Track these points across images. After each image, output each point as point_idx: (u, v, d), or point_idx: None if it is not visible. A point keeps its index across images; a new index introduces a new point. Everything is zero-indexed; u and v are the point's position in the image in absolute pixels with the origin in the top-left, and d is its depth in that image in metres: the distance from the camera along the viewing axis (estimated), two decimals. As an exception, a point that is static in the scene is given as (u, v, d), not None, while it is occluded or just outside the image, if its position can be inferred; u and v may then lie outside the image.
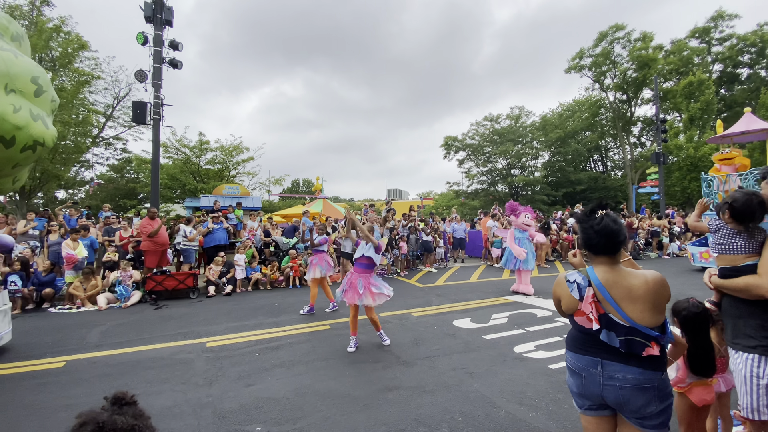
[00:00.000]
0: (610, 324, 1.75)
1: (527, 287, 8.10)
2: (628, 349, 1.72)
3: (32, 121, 4.21)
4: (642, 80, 29.01)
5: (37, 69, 4.44)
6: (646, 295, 1.73)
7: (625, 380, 1.73)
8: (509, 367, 4.28)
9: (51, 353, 5.00)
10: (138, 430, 1.07)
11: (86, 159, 22.53)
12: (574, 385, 1.92)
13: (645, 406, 1.72)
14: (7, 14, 4.71)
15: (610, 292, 1.77)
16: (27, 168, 4.91)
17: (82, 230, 8.74)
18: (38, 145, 4.34)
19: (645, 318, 1.72)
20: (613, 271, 1.82)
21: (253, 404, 3.49)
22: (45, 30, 17.01)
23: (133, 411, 1.13)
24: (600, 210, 1.87)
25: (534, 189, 32.32)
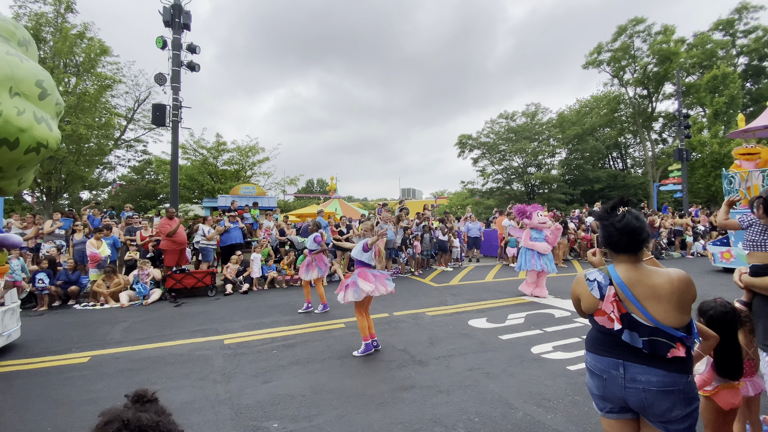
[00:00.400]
0: (633, 324, 1.69)
1: (542, 290, 7.78)
2: (651, 350, 1.66)
3: (36, 123, 4.28)
4: (663, 74, 28.14)
5: (41, 73, 4.51)
6: (670, 294, 1.66)
7: (649, 383, 1.66)
8: (526, 367, 4.21)
9: (76, 348, 5.17)
10: (161, 426, 1.08)
11: (109, 161, 23.22)
12: (594, 387, 1.86)
13: (670, 409, 1.65)
14: (13, 20, 4.82)
15: (632, 290, 1.71)
16: (32, 170, 4.98)
17: (105, 230, 9.01)
18: (42, 147, 4.40)
19: (670, 318, 1.65)
20: (636, 269, 1.75)
21: (269, 401, 3.53)
22: (69, 36, 17.58)
23: (155, 408, 1.14)
24: (621, 207, 1.81)
25: (551, 187, 31.75)
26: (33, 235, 9.40)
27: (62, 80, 17.42)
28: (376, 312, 6.82)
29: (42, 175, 17.28)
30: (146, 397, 1.17)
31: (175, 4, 11.12)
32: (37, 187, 18.13)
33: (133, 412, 1.07)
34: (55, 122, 4.78)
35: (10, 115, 4.03)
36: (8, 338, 5.13)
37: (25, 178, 5.00)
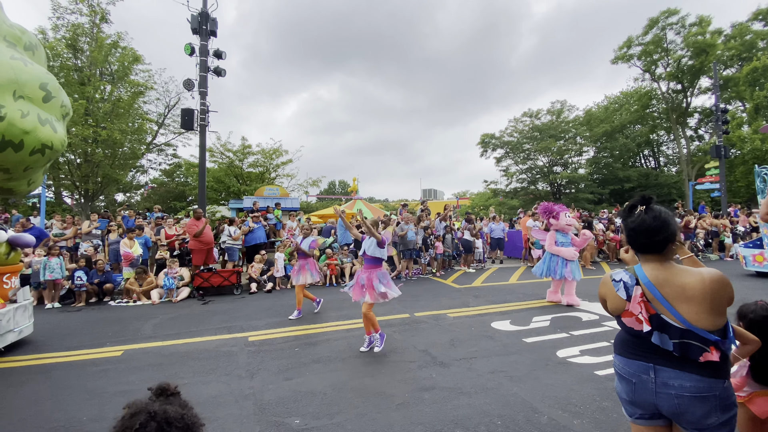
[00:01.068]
0: (663, 325, 1.61)
1: (572, 298, 7.04)
2: (683, 353, 1.57)
3: (40, 125, 4.41)
4: (699, 68, 26.79)
5: (46, 76, 4.64)
6: (702, 294, 1.56)
7: (682, 388, 1.57)
8: (552, 371, 4.10)
9: (110, 342, 5.41)
10: (186, 419, 1.09)
11: (141, 164, 24.20)
12: (623, 391, 1.77)
13: (705, 417, 1.55)
14: (20, 25, 5.00)
15: (661, 290, 1.63)
16: (41, 171, 5.11)
17: (138, 230, 9.39)
18: (47, 149, 4.53)
19: (702, 320, 1.55)
20: (664, 268, 1.67)
21: (291, 397, 3.58)
22: (104, 46, 18.46)
23: (178, 401, 1.16)
24: (641, 206, 1.74)
25: (578, 187, 30.80)
26: (72, 235, 9.93)
27: (98, 88, 18.31)
28: (396, 312, 6.81)
29: (80, 178, 18.21)
30: (169, 391, 1.20)
31: (203, 12, 11.50)
32: (76, 190, 19.12)
33: (159, 405, 1.09)
34: (60, 124, 4.87)
35: (14, 117, 4.15)
36: (20, 334, 5.29)
37: (34, 179, 5.13)
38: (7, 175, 4.57)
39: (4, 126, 4.13)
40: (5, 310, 5.03)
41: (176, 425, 1.06)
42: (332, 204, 32.58)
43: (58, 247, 8.45)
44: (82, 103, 16.46)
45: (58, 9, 18.12)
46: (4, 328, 4.98)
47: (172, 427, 1.05)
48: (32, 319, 5.66)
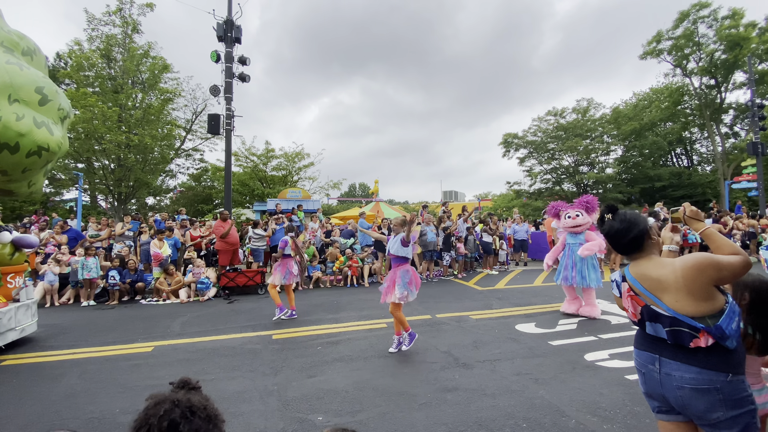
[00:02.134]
0: (654, 315, 1.71)
1: (593, 309, 6.28)
2: (674, 340, 1.65)
3: (35, 128, 4.52)
4: (733, 62, 25.44)
5: (42, 80, 4.76)
6: (675, 283, 1.65)
7: (682, 379, 1.63)
8: (579, 375, 3.97)
9: (142, 339, 5.62)
10: (209, 409, 1.10)
11: (170, 169, 25.08)
12: (641, 383, 1.87)
13: (708, 411, 1.57)
14: (18, 31, 5.14)
15: (643, 284, 1.76)
16: (40, 173, 5.21)
17: (167, 231, 9.73)
18: (43, 151, 4.63)
19: (683, 306, 1.62)
20: (644, 264, 1.81)
21: (314, 395, 3.61)
22: (135, 56, 19.30)
23: (199, 395, 1.16)
24: (607, 214, 1.92)
25: (606, 187, 29.79)
26: (106, 236, 10.39)
27: (130, 96, 19.13)
28: (417, 314, 6.78)
29: (114, 182, 19.05)
30: (190, 384, 1.21)
31: (228, 20, 11.85)
32: (110, 193, 20.01)
33: (183, 394, 1.11)
34: (58, 126, 4.98)
35: (9, 120, 4.27)
36: (22, 332, 5.43)
37: (34, 181, 5.25)
38: (6, 177, 4.70)
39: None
40: (6, 309, 5.19)
41: (199, 414, 1.06)
42: (353, 206, 32.82)
43: (94, 248, 8.86)
44: (115, 110, 17.25)
45: (93, 21, 19.09)
46: (5, 327, 5.10)
47: (196, 416, 1.05)
48: (36, 318, 5.80)
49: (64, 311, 7.78)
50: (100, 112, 16.42)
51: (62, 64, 23.60)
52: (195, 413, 1.05)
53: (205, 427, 1.05)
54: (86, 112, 16.28)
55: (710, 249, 1.74)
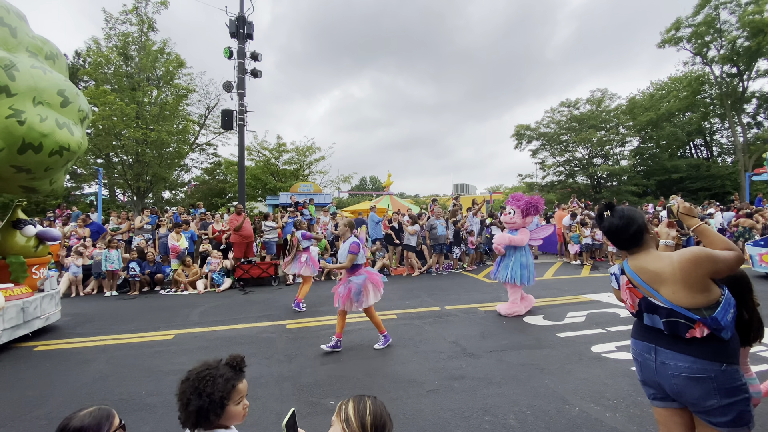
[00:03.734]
0: (652, 307, 1.77)
1: (516, 306, 6.13)
2: (671, 330, 1.71)
3: (57, 129, 4.73)
4: (756, 49, 24.52)
5: (64, 83, 4.98)
6: (673, 276, 1.71)
7: (677, 368, 1.70)
8: (585, 366, 4.05)
9: (163, 327, 5.89)
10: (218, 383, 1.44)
11: (185, 163, 25.60)
12: (637, 371, 1.95)
13: (702, 398, 1.65)
14: (42, 36, 5.29)
15: (641, 277, 1.82)
16: (61, 171, 5.45)
17: (184, 224, 10.03)
18: (64, 150, 4.85)
19: (680, 298, 1.69)
20: (643, 257, 1.86)
21: (327, 381, 3.79)
22: (151, 53, 19.68)
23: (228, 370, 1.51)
24: (605, 211, 1.97)
25: (620, 179, 29.27)
26: (126, 229, 10.76)
27: (147, 92, 19.54)
28: (426, 305, 6.91)
29: (132, 177, 19.57)
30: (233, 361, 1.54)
31: (240, 16, 12.00)
32: (129, 188, 20.57)
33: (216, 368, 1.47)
34: (78, 127, 5.19)
35: (33, 122, 4.51)
36: (47, 320, 5.71)
37: (55, 179, 5.50)
38: (30, 175, 4.97)
39: (24, 130, 4.49)
40: (33, 298, 5.47)
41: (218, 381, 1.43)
42: (363, 200, 32.98)
43: (116, 240, 9.21)
44: (133, 107, 17.68)
45: (111, 20, 19.49)
46: (32, 315, 5.39)
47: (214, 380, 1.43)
48: (59, 307, 6.09)
49: (88, 301, 8.15)
50: (119, 109, 16.86)
51: (81, 62, 24.18)
52: (191, 381, 1.41)
53: (187, 395, 1.41)
54: (105, 110, 16.74)
55: (703, 244, 1.81)
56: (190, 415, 1.38)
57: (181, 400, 1.41)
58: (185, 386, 1.41)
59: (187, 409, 1.38)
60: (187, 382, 1.42)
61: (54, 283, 6.20)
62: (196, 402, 1.37)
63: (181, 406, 1.41)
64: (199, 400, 1.37)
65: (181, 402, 1.41)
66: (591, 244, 11.94)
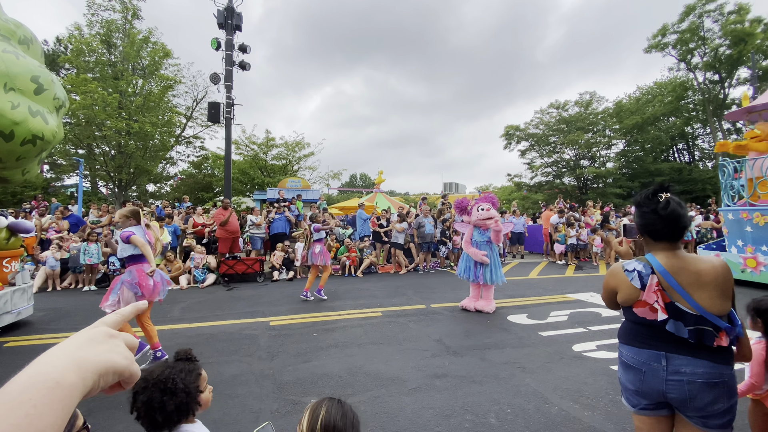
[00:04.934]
0: (678, 313, 1.63)
1: (488, 303, 6.32)
2: (698, 339, 1.60)
3: (30, 116, 4.54)
4: (737, 57, 25.23)
5: (38, 69, 4.77)
6: (715, 280, 1.60)
7: (694, 374, 1.60)
8: (566, 364, 4.10)
9: (142, 323, 5.74)
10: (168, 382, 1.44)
11: (171, 156, 25.11)
12: (629, 381, 1.78)
13: (712, 403, 1.59)
14: (15, 19, 5.06)
15: (676, 278, 1.64)
16: (35, 161, 5.25)
17: (167, 218, 9.83)
18: (37, 139, 4.66)
19: (715, 305, 1.59)
20: (677, 256, 1.69)
21: (308, 379, 3.74)
22: (136, 41, 19.19)
23: (176, 369, 1.50)
24: (663, 192, 1.72)
25: (606, 181, 29.78)
26: (107, 222, 10.49)
27: (131, 82, 19.06)
28: (412, 303, 6.91)
29: (114, 168, 19.11)
30: (182, 355, 1.58)
31: (228, 7, 11.78)
32: (110, 180, 20.08)
33: (162, 368, 1.47)
34: (53, 116, 4.99)
35: (4, 109, 4.30)
36: (18, 315, 5.54)
37: (28, 169, 5.28)
38: (1, 164, 4.75)
39: None
40: (3, 292, 5.28)
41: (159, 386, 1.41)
42: (353, 196, 32.87)
43: (95, 234, 8.97)
44: (115, 96, 17.23)
45: (93, 6, 18.93)
46: (2, 310, 5.19)
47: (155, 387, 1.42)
48: (32, 302, 5.87)
49: (65, 296, 7.93)
50: (101, 98, 16.41)
51: (62, 49, 23.47)
52: (155, 385, 1.39)
53: (159, 398, 1.36)
54: (86, 98, 16.27)
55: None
56: (171, 415, 1.38)
57: (150, 407, 1.38)
58: (150, 393, 1.39)
59: (165, 411, 1.38)
60: (148, 389, 1.40)
61: (27, 277, 5.98)
62: (172, 401, 1.38)
63: (152, 412, 1.39)
64: (175, 398, 1.39)
65: (152, 408, 1.39)
66: (576, 244, 12.11)
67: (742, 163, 8.57)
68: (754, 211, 8.05)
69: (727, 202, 8.97)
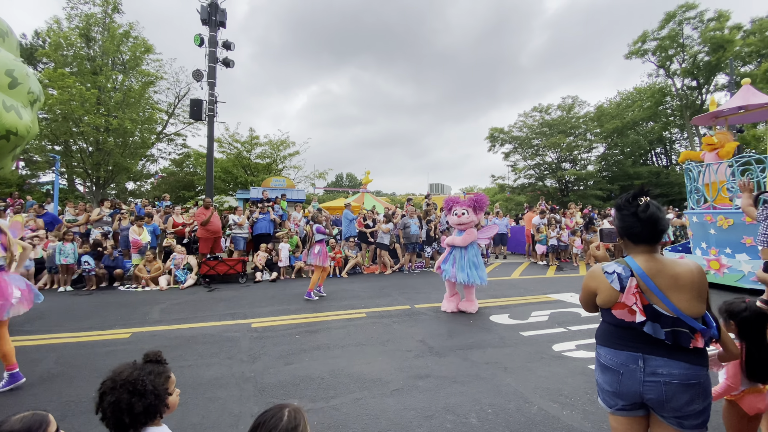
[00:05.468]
0: (655, 315, 1.66)
1: (471, 304, 6.38)
2: (674, 341, 1.63)
3: (4, 111, 4.41)
4: (715, 64, 26.17)
5: (13, 63, 4.63)
6: (692, 283, 1.65)
7: (671, 375, 1.63)
8: (546, 364, 4.17)
9: (119, 325, 5.60)
10: (139, 384, 1.42)
11: (151, 153, 24.53)
12: (606, 383, 1.80)
13: (688, 403, 1.63)
14: None
15: (654, 281, 1.68)
16: (8, 157, 5.10)
17: (147, 217, 9.60)
18: (11, 135, 4.54)
19: (691, 308, 1.63)
20: (655, 259, 1.72)
21: (290, 381, 3.71)
22: (116, 36, 18.68)
23: (146, 371, 1.49)
24: (643, 196, 1.76)
25: (587, 183, 30.48)
26: (83, 221, 10.17)
27: (110, 77, 18.54)
28: (397, 304, 6.92)
29: (92, 166, 18.56)
30: (150, 358, 1.59)
31: (212, 2, 11.57)
32: (88, 177, 19.49)
33: (131, 369, 1.45)
34: (27, 110, 4.85)
35: None
36: None
37: (2, 165, 5.15)
38: None
39: None
40: None
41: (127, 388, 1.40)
42: (339, 196, 32.73)
43: (71, 233, 8.70)
44: (94, 92, 16.74)
45: (72, -1, 18.35)
46: None
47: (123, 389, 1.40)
48: None
49: (39, 297, 7.65)
50: (78, 94, 15.91)
51: (40, 43, 22.68)
52: (123, 386, 1.38)
53: (127, 399, 1.35)
54: (63, 93, 15.76)
55: None
56: (138, 417, 1.38)
57: (117, 408, 1.36)
58: (118, 394, 1.37)
59: (132, 413, 1.37)
60: (116, 390, 1.38)
61: None
62: (141, 402, 1.38)
63: (119, 413, 1.37)
64: (144, 400, 1.38)
65: (120, 409, 1.37)
66: (557, 245, 12.35)
67: (707, 167, 8.85)
68: (717, 215, 8.29)
69: (693, 206, 9.24)
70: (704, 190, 8.83)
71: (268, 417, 1.24)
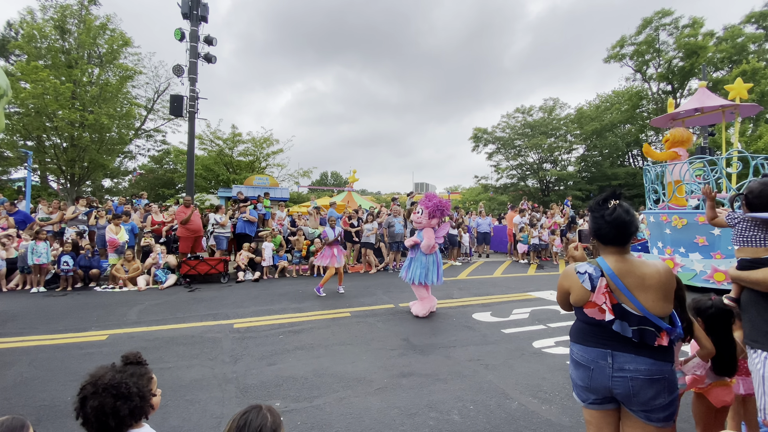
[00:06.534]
0: (623, 314, 1.73)
1: (422, 306, 6.11)
2: (640, 338, 1.70)
3: None
4: (689, 69, 27.14)
5: None
6: (658, 284, 1.72)
7: (637, 371, 1.71)
8: (526, 361, 4.27)
9: (95, 327, 5.45)
10: (121, 387, 1.40)
11: (129, 150, 23.84)
12: (579, 378, 1.88)
13: (654, 398, 1.70)
14: None
15: (623, 281, 1.75)
16: None
17: (124, 216, 9.35)
18: None
19: (657, 307, 1.71)
20: (624, 260, 1.79)
21: (273, 382, 3.69)
22: (92, 28, 18.06)
23: (126, 374, 1.47)
24: (613, 200, 1.82)
25: (567, 184, 31.20)
26: (57, 220, 9.84)
27: (86, 71, 17.93)
28: (381, 303, 6.95)
29: (66, 162, 17.92)
30: (129, 359, 1.57)
31: (194, -3, 11.33)
32: (62, 174, 18.81)
33: (112, 372, 1.43)
34: None
35: None
36: None
37: None
38: None
39: None
40: None
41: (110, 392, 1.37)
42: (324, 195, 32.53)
43: (45, 232, 8.39)
44: (68, 86, 16.17)
45: (45, -12, 17.66)
46: None
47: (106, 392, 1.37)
48: None
49: (12, 297, 7.37)
50: (52, 87, 15.33)
51: (13, 34, 21.75)
52: (106, 390, 1.36)
53: (111, 403, 1.34)
54: (37, 87, 15.16)
55: None
56: (124, 420, 1.37)
57: (101, 412, 1.34)
58: (101, 398, 1.35)
59: (118, 416, 1.36)
60: (98, 394, 1.36)
61: None
62: (126, 405, 1.37)
63: (104, 417, 1.35)
64: (129, 402, 1.38)
65: (104, 413, 1.35)
66: (538, 244, 12.60)
67: (663, 168, 9.16)
68: (672, 214, 8.55)
69: (650, 206, 9.53)
70: (664, 189, 9.10)
71: (252, 417, 1.23)
